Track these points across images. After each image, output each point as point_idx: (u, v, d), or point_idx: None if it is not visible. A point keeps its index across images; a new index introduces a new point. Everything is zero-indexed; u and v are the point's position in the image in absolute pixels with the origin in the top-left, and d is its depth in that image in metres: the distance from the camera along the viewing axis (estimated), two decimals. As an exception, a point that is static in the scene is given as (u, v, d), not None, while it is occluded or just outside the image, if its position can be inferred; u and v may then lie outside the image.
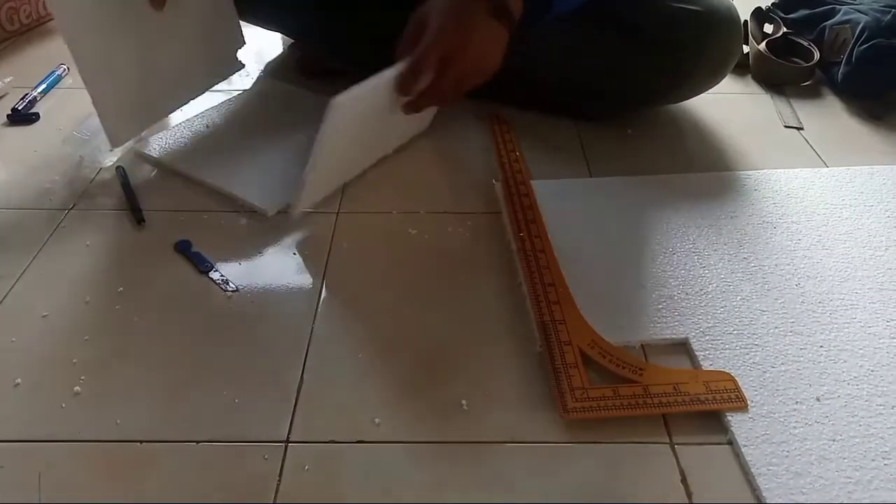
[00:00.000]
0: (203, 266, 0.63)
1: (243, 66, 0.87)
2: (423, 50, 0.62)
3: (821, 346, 0.55)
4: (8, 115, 0.86)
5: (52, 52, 1.03)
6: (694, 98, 0.87)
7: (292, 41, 1.03)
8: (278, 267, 0.64)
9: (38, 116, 0.86)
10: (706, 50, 0.79)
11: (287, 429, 0.49)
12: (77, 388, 0.51)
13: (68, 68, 0.97)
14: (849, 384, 0.52)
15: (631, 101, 0.85)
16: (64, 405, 0.50)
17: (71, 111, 0.87)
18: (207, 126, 0.82)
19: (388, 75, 0.63)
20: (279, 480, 0.46)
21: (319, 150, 0.62)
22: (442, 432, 0.49)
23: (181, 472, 0.46)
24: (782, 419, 0.49)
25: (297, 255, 0.65)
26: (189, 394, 0.51)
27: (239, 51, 0.86)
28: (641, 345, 0.56)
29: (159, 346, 0.55)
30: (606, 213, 0.70)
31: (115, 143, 0.72)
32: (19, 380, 0.52)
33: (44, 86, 0.92)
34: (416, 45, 0.63)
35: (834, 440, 0.48)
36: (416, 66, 0.62)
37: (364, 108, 0.64)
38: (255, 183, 0.72)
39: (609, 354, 0.53)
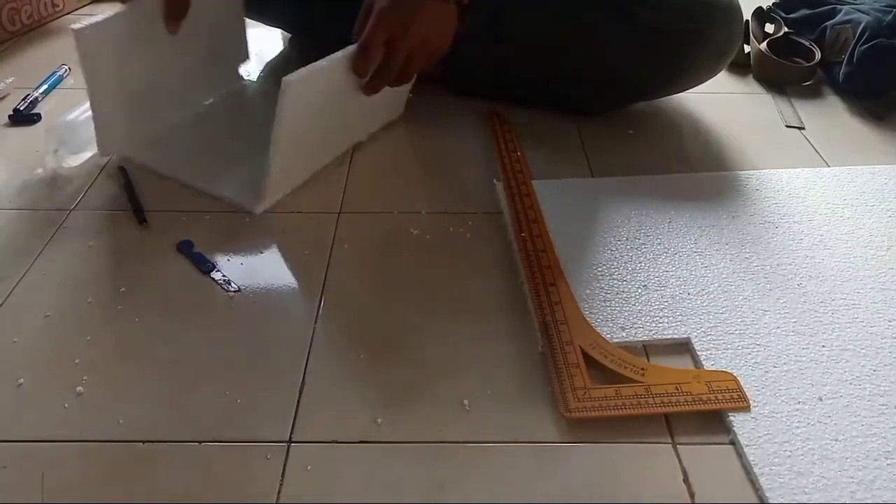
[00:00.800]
0: (205, 266, 0.63)
1: (244, 80, 0.87)
2: (369, 31, 0.65)
3: (823, 346, 0.55)
4: (10, 116, 0.86)
5: (53, 53, 1.03)
6: (694, 97, 0.88)
7: (291, 37, 1.03)
8: (280, 267, 0.64)
9: (40, 117, 0.86)
10: (706, 38, 0.79)
11: (289, 429, 0.49)
12: (79, 389, 0.51)
13: (69, 69, 0.97)
14: (851, 384, 0.52)
15: (630, 93, 0.85)
16: (66, 405, 0.50)
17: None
18: (196, 128, 0.81)
19: (339, 56, 0.64)
20: (281, 481, 0.46)
21: (278, 134, 0.62)
22: (444, 432, 0.49)
23: (183, 472, 0.46)
24: (784, 419, 0.49)
25: (299, 255, 0.65)
26: (191, 394, 0.51)
27: (242, 66, 0.87)
28: (643, 345, 0.56)
29: (161, 346, 0.56)
30: (608, 212, 0.70)
31: (103, 152, 0.74)
32: (22, 380, 0.52)
33: (45, 86, 0.92)
34: (367, 53, 0.66)
35: (836, 440, 0.48)
36: (363, 47, 0.65)
37: (319, 88, 0.65)
38: (244, 182, 0.71)
39: (611, 354, 0.53)
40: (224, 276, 0.62)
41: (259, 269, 0.63)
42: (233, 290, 0.61)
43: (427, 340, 0.56)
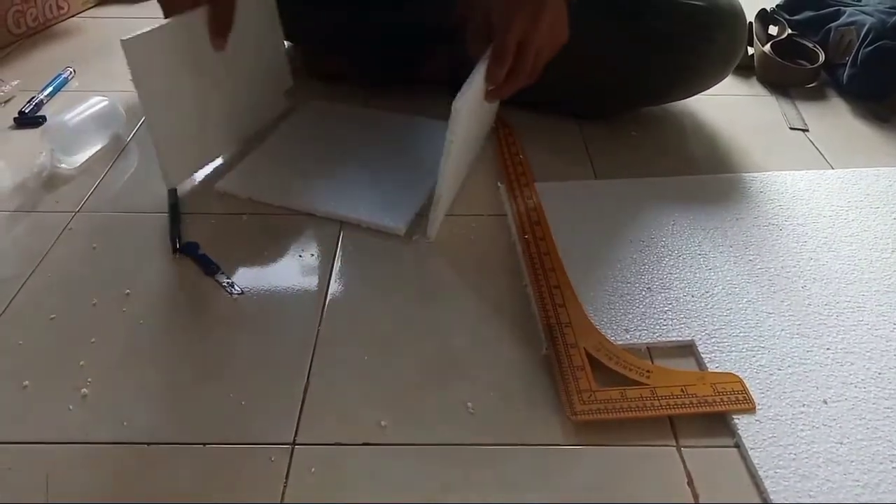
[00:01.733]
0: (209, 268, 0.63)
1: (288, 105, 0.86)
2: (503, 38, 0.64)
3: (827, 349, 0.55)
4: (15, 119, 0.86)
5: (57, 55, 1.04)
6: (698, 99, 0.87)
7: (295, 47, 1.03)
8: (284, 269, 0.64)
9: (45, 119, 0.87)
10: (710, 45, 0.79)
11: (293, 431, 0.49)
12: (84, 391, 0.52)
13: (74, 71, 0.98)
14: (856, 387, 0.52)
15: (634, 98, 0.85)
16: (71, 407, 0.51)
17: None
18: (271, 153, 0.78)
19: (479, 73, 0.63)
20: (286, 482, 0.46)
21: (446, 161, 0.62)
22: (448, 435, 0.49)
23: (188, 474, 0.46)
24: (789, 422, 0.49)
25: (303, 258, 0.65)
26: (195, 396, 0.52)
27: (285, 90, 0.86)
28: (647, 347, 0.56)
29: (166, 348, 0.56)
30: (611, 215, 0.70)
31: (170, 183, 0.71)
32: (27, 382, 0.52)
33: (50, 89, 0.92)
34: (485, 39, 0.65)
35: (841, 443, 0.47)
36: (499, 55, 0.64)
37: (472, 107, 0.64)
38: (373, 204, 0.70)
39: (616, 357, 0.53)
40: (228, 278, 0.62)
41: (263, 272, 0.63)
42: (237, 292, 0.61)
43: (431, 342, 0.56)
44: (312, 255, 0.65)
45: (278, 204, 0.70)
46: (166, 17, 0.66)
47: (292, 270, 0.64)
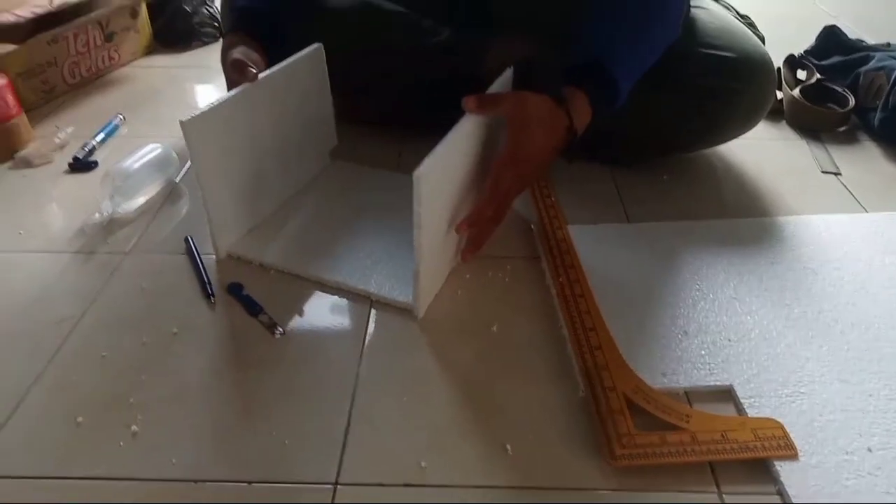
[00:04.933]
0: (253, 309, 0.65)
1: (332, 162, 0.88)
2: (501, 196, 0.65)
3: (870, 395, 0.54)
4: (69, 164, 0.90)
5: (108, 103, 1.09)
6: (729, 144, 0.88)
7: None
8: (324, 310, 0.66)
9: (97, 164, 0.91)
10: (740, 95, 0.80)
11: (336, 471, 0.50)
12: (134, 428, 0.53)
13: (124, 117, 1.03)
14: (901, 434, 0.51)
15: (663, 147, 0.87)
16: (122, 444, 0.52)
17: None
18: (288, 216, 0.78)
19: (454, 137, 0.60)
20: (329, 522, 0.46)
21: (419, 234, 0.58)
22: (487, 476, 0.49)
23: (234, 512, 0.47)
24: (833, 470, 0.48)
25: (343, 299, 0.67)
26: (240, 434, 0.53)
27: (330, 149, 0.87)
28: (685, 391, 0.56)
29: (212, 386, 0.57)
30: (645, 258, 0.71)
31: (220, 253, 0.72)
32: (80, 418, 0.54)
33: (102, 135, 0.97)
34: (498, 104, 0.64)
35: (889, 492, 0.47)
36: (485, 207, 0.65)
37: (443, 176, 0.60)
38: (384, 276, 0.68)
39: (654, 401, 0.53)
40: (271, 318, 0.64)
41: (304, 313, 0.65)
42: (279, 332, 0.62)
43: (469, 384, 0.57)
44: (352, 296, 0.67)
45: (287, 271, 0.70)
46: (229, 89, 0.68)
47: (332, 311, 0.66)
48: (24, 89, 1.03)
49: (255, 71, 0.68)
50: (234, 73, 0.69)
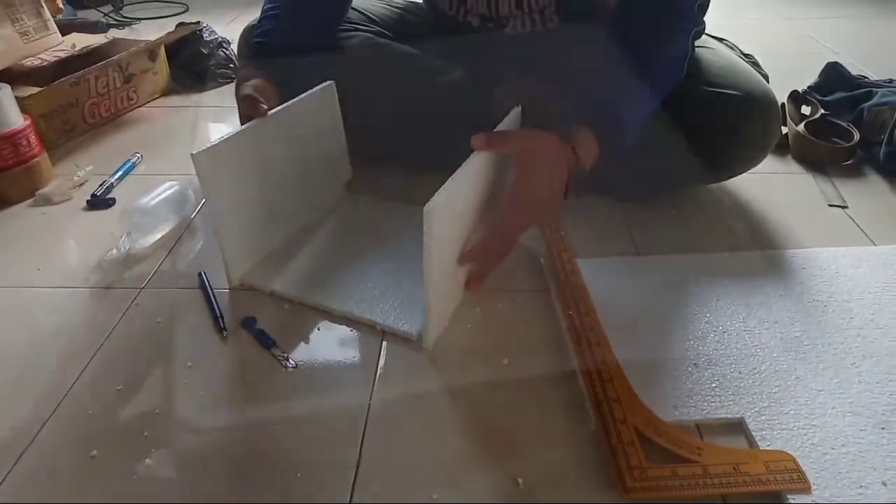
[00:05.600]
0: (266, 342, 0.66)
1: (347, 195, 0.89)
2: (508, 229, 0.67)
3: (882, 428, 0.54)
4: (88, 201, 0.93)
5: (126, 142, 1.12)
6: (735, 178, 0.89)
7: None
8: (336, 344, 0.66)
9: (115, 201, 0.93)
10: (745, 133, 0.81)
11: (347, 503, 0.50)
12: (148, 461, 0.54)
13: (141, 156, 1.05)
14: (915, 468, 0.51)
15: (668, 184, 0.88)
16: (136, 477, 0.53)
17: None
18: (301, 247, 0.79)
19: (464, 172, 0.61)
20: (340, 556, 0.46)
21: (429, 266, 0.59)
22: (499, 510, 0.49)
23: (246, 545, 0.47)
24: None
25: (354, 332, 0.68)
26: (253, 467, 0.53)
27: (345, 182, 0.89)
28: (696, 424, 0.56)
29: (225, 420, 0.58)
30: (654, 291, 0.71)
31: (232, 282, 0.74)
32: (95, 451, 0.55)
33: (120, 173, 0.99)
34: (506, 141, 0.65)
35: (904, 527, 0.46)
36: (492, 240, 0.67)
37: (453, 211, 0.61)
38: (391, 306, 0.69)
39: (665, 433, 0.53)
40: (283, 351, 0.64)
41: (315, 346, 0.66)
42: (291, 365, 0.63)
43: (480, 416, 0.57)
44: (363, 329, 0.68)
45: (298, 300, 0.71)
46: (242, 123, 0.71)
47: (344, 344, 0.66)
48: (45, 129, 1.06)
49: (265, 107, 0.71)
50: (246, 108, 0.71)
